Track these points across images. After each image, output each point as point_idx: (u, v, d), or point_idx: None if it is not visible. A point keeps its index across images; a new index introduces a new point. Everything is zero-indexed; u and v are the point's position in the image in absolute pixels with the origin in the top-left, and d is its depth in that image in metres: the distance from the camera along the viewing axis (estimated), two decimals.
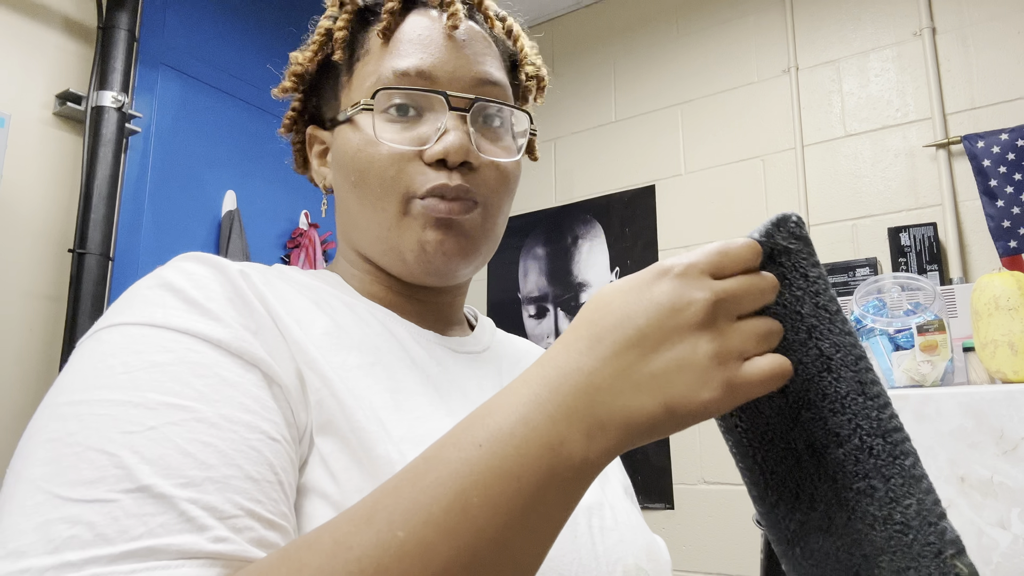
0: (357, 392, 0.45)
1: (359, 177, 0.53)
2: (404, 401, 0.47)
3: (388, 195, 0.52)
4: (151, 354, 0.38)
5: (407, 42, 0.54)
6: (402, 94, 0.53)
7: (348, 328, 0.49)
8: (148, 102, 1.96)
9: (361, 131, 0.53)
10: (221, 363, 0.39)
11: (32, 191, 1.72)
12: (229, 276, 0.45)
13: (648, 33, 2.56)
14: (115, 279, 1.81)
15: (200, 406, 0.37)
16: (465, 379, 0.54)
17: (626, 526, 0.53)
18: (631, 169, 2.51)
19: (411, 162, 0.52)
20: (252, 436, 0.38)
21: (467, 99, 0.53)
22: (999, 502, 1.15)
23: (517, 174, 0.57)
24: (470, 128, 0.53)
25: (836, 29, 2.20)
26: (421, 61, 0.53)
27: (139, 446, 0.35)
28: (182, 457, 0.35)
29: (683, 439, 2.24)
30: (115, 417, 0.36)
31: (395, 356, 0.50)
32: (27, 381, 1.65)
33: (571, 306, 2.54)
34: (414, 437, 0.44)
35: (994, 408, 1.19)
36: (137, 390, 0.37)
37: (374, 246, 0.55)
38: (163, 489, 0.34)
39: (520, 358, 0.63)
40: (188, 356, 0.39)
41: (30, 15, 1.76)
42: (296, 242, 2.30)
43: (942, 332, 1.36)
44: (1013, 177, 1.83)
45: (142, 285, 0.43)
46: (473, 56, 0.55)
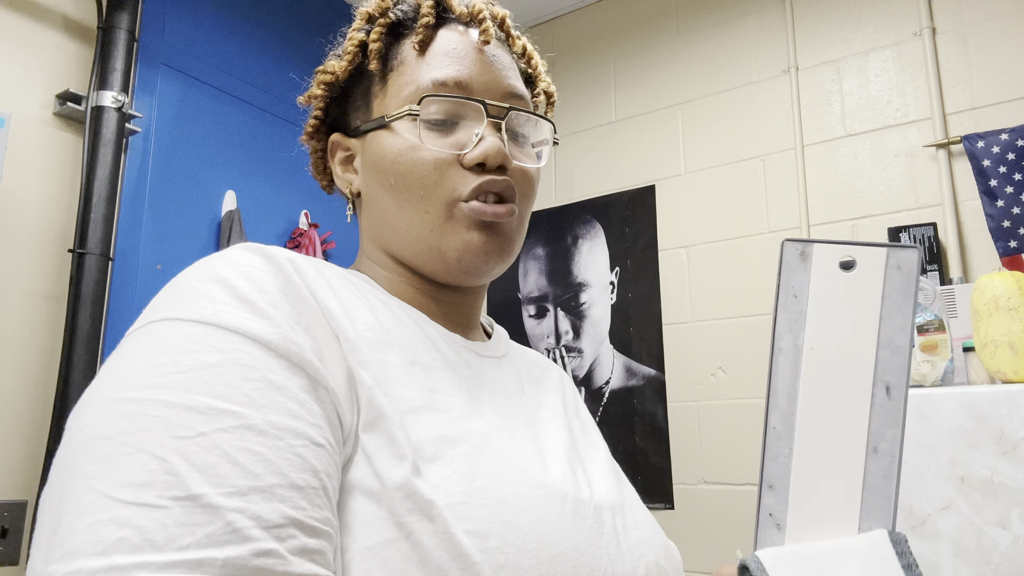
0: (398, 390, 0.46)
1: (399, 180, 0.56)
2: (440, 401, 0.48)
3: (431, 198, 0.55)
4: (202, 354, 0.39)
5: (443, 54, 0.58)
6: (445, 101, 0.56)
7: (387, 325, 0.51)
8: (148, 102, 1.96)
9: (401, 136, 0.56)
10: (269, 365, 0.40)
11: (32, 191, 1.72)
12: (281, 268, 0.46)
13: (648, 33, 2.56)
14: (115, 279, 1.81)
15: (249, 411, 0.38)
16: (491, 382, 0.56)
17: (645, 525, 0.56)
18: (631, 169, 2.51)
19: (451, 167, 0.55)
20: (297, 443, 0.39)
21: (503, 108, 0.57)
22: (999, 502, 1.15)
23: (538, 180, 0.62)
24: (503, 135, 0.57)
25: (836, 29, 2.20)
26: (458, 73, 0.57)
27: (189, 452, 0.36)
28: (231, 466, 0.36)
29: (683, 439, 2.24)
30: (167, 420, 0.36)
31: (430, 356, 0.52)
32: (27, 381, 1.65)
33: (571, 306, 2.54)
34: (453, 436, 0.45)
35: (994, 408, 1.19)
36: (188, 392, 0.38)
37: (411, 246, 0.57)
38: (212, 499, 0.35)
39: (532, 368, 0.66)
40: (238, 358, 0.40)
41: (30, 15, 1.76)
42: (296, 242, 2.30)
43: (942, 332, 1.36)
44: (1013, 177, 1.83)
45: (192, 276, 0.44)
46: (502, 70, 0.60)
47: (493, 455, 0.46)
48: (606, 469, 0.58)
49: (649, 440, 2.30)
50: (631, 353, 2.39)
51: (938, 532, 1.19)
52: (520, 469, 0.47)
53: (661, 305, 2.36)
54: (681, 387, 2.28)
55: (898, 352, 0.41)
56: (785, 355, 0.41)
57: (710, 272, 2.28)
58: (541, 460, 0.51)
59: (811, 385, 0.41)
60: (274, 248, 0.48)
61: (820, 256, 0.41)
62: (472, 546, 0.41)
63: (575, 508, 0.48)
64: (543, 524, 0.44)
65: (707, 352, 2.25)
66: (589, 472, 0.55)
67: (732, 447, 2.15)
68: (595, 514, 0.50)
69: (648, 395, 2.33)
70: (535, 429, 0.55)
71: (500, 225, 0.56)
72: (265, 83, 2.30)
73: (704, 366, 2.25)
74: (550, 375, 0.67)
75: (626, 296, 2.44)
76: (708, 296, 2.28)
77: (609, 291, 2.48)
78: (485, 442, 0.47)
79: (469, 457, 0.45)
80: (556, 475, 0.50)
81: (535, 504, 0.45)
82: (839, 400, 0.41)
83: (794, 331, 0.41)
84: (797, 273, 0.41)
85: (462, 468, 0.44)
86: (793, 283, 0.41)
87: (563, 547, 0.45)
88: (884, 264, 0.41)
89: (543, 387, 0.63)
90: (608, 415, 2.40)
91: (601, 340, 2.46)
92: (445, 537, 0.40)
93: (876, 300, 0.41)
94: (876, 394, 0.41)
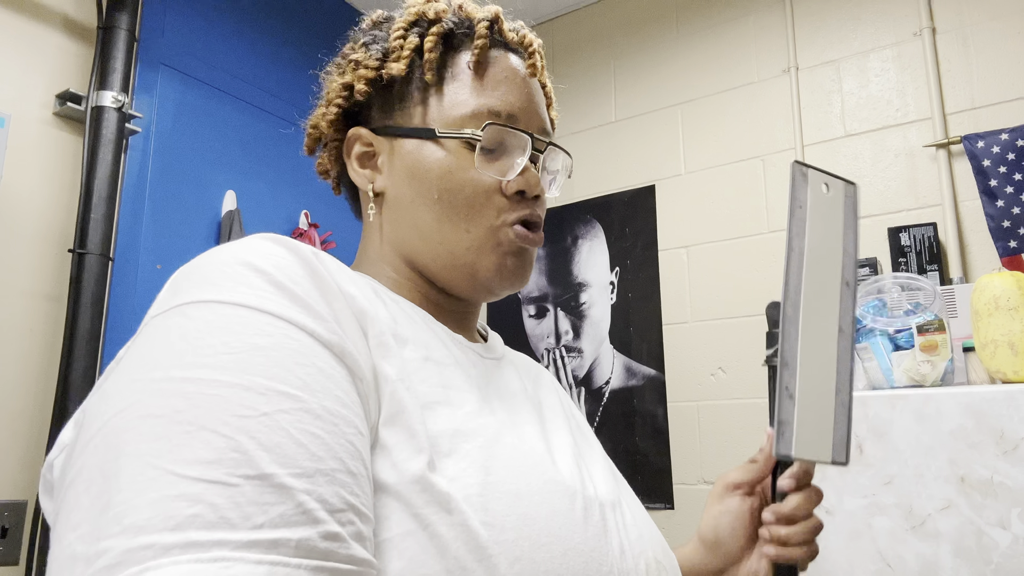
0: (416, 385, 0.47)
1: (446, 196, 0.58)
2: (454, 396, 0.49)
3: (475, 219, 0.58)
4: (251, 336, 0.38)
5: (497, 80, 0.61)
6: (502, 132, 0.59)
7: (401, 321, 0.52)
8: (148, 102, 1.96)
9: (451, 154, 0.58)
10: (317, 353, 0.40)
11: (32, 191, 1.72)
12: (307, 260, 0.45)
13: (648, 33, 2.56)
14: (115, 279, 1.81)
15: (305, 396, 0.38)
16: (496, 381, 0.58)
17: (643, 523, 0.57)
18: (631, 169, 2.51)
19: (495, 192, 0.59)
20: (348, 430, 0.39)
21: (543, 142, 0.62)
22: (999, 502, 1.15)
23: None
24: (539, 167, 0.62)
25: (836, 29, 2.20)
26: (512, 105, 0.60)
27: (255, 431, 0.35)
28: (296, 447, 0.36)
29: (683, 439, 2.24)
30: (227, 399, 0.36)
31: (441, 353, 0.53)
32: (27, 381, 1.65)
33: (571, 306, 2.54)
34: (467, 431, 0.46)
35: (994, 408, 1.19)
36: (245, 373, 0.37)
37: (441, 259, 0.59)
38: (282, 479, 0.34)
39: (528, 370, 0.68)
40: (287, 343, 0.39)
41: (30, 15, 1.76)
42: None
43: (942, 332, 1.36)
44: (1013, 177, 1.83)
45: (220, 261, 0.42)
46: (541, 103, 0.64)
47: (506, 450, 0.47)
48: (604, 467, 0.60)
49: (649, 440, 2.30)
50: (631, 353, 2.39)
51: (938, 532, 1.19)
52: (532, 464, 0.48)
53: (661, 305, 2.36)
54: (681, 387, 2.28)
55: (850, 257, 0.54)
56: (795, 254, 0.52)
57: (710, 272, 2.28)
58: (551, 456, 0.52)
59: (809, 279, 0.53)
60: (295, 241, 0.46)
61: (813, 179, 0.55)
62: (489, 538, 0.41)
63: (584, 504, 0.49)
64: (556, 519, 0.45)
65: (707, 352, 2.25)
66: (591, 469, 0.57)
67: (732, 447, 2.15)
68: (600, 511, 0.51)
69: (648, 395, 2.33)
70: (543, 426, 0.57)
71: (529, 251, 0.61)
72: (265, 83, 2.30)
73: (704, 366, 2.25)
74: (543, 377, 0.69)
75: (626, 296, 2.44)
76: (708, 296, 2.28)
77: (609, 291, 2.48)
78: (498, 437, 0.48)
79: (483, 451, 0.46)
80: (565, 471, 0.51)
81: (548, 499, 0.46)
82: (824, 290, 0.53)
83: (799, 235, 0.53)
84: (801, 189, 0.54)
85: (478, 462, 0.45)
86: (799, 196, 0.53)
87: (575, 542, 0.46)
88: (843, 192, 0.56)
89: (540, 387, 0.65)
90: (608, 415, 2.40)
91: (601, 340, 2.46)
92: (463, 529, 0.41)
93: (839, 217, 0.55)
94: (842, 288, 0.54)
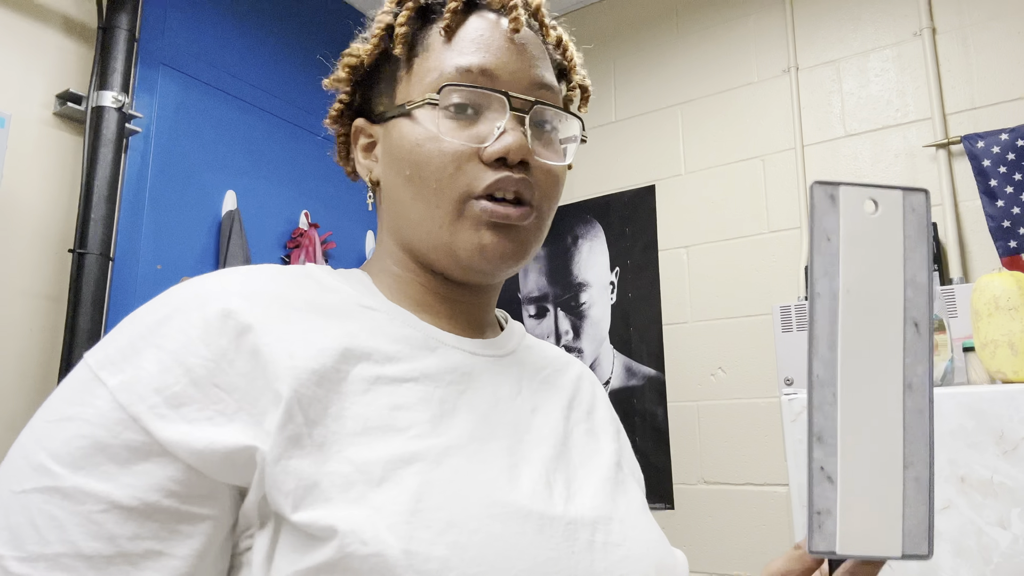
0: (355, 408, 0.45)
1: (415, 171, 0.53)
2: (401, 418, 0.46)
3: (444, 192, 0.53)
4: (68, 406, 0.43)
5: (469, 41, 0.55)
6: (466, 91, 0.53)
7: (360, 337, 0.49)
8: (148, 102, 1.96)
9: (421, 125, 0.54)
10: (109, 422, 0.42)
11: (32, 191, 1.72)
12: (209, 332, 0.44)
13: (648, 33, 2.56)
14: (115, 279, 1.81)
15: (66, 472, 0.41)
16: (480, 387, 0.53)
17: (636, 542, 0.52)
18: (631, 169, 2.51)
19: (469, 160, 0.52)
20: (96, 508, 0.41)
21: (528, 101, 0.54)
22: (999, 502, 1.15)
23: (564, 179, 0.59)
24: (528, 129, 0.54)
25: (836, 29, 2.20)
26: (484, 60, 0.54)
27: (10, 509, 0.41)
28: (31, 529, 0.39)
29: (683, 439, 2.24)
30: (17, 470, 0.41)
31: (402, 369, 0.49)
32: (27, 381, 1.65)
33: (571, 306, 2.54)
34: (407, 455, 0.44)
35: (994, 408, 1.19)
36: (38, 444, 0.41)
37: (424, 241, 0.55)
38: (6, 563, 0.39)
39: (543, 367, 0.62)
40: (86, 412, 0.42)
41: (30, 15, 1.76)
42: (296, 242, 2.30)
43: (942, 332, 1.36)
44: (1013, 177, 1.83)
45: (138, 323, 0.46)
46: (532, 60, 0.56)
47: (448, 474, 0.45)
48: (602, 479, 0.55)
49: (649, 440, 2.30)
50: (631, 353, 2.39)
51: (938, 532, 1.19)
52: (477, 487, 0.45)
53: (661, 305, 2.36)
54: (681, 387, 2.28)
55: (920, 289, 0.42)
56: (823, 300, 0.41)
57: (710, 272, 2.28)
58: (510, 474, 0.48)
59: (849, 328, 0.41)
60: (215, 292, 0.47)
61: (847, 198, 0.42)
62: (409, 567, 0.40)
63: (539, 526, 0.46)
64: (494, 545, 0.43)
65: (707, 352, 2.25)
66: (574, 484, 0.52)
67: (732, 447, 2.15)
68: (566, 531, 0.47)
69: (648, 395, 2.33)
70: (519, 437, 0.52)
71: (515, 227, 0.54)
72: (265, 83, 2.30)
73: (704, 366, 2.25)
74: (564, 374, 0.64)
75: (626, 296, 2.44)
76: (708, 296, 2.27)
77: (609, 291, 2.48)
78: (443, 460, 0.45)
79: (420, 476, 0.43)
80: (524, 490, 0.47)
81: (487, 524, 0.43)
82: (875, 340, 0.41)
83: (830, 275, 0.41)
84: (828, 216, 0.42)
85: (411, 489, 0.42)
86: (825, 226, 0.42)
87: (517, 569, 0.43)
88: (902, 205, 0.42)
89: (548, 387, 0.60)
90: None
91: (601, 340, 2.46)
92: (379, 560, 0.39)
93: (898, 241, 0.42)
94: (907, 332, 0.42)
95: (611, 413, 0.66)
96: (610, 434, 0.61)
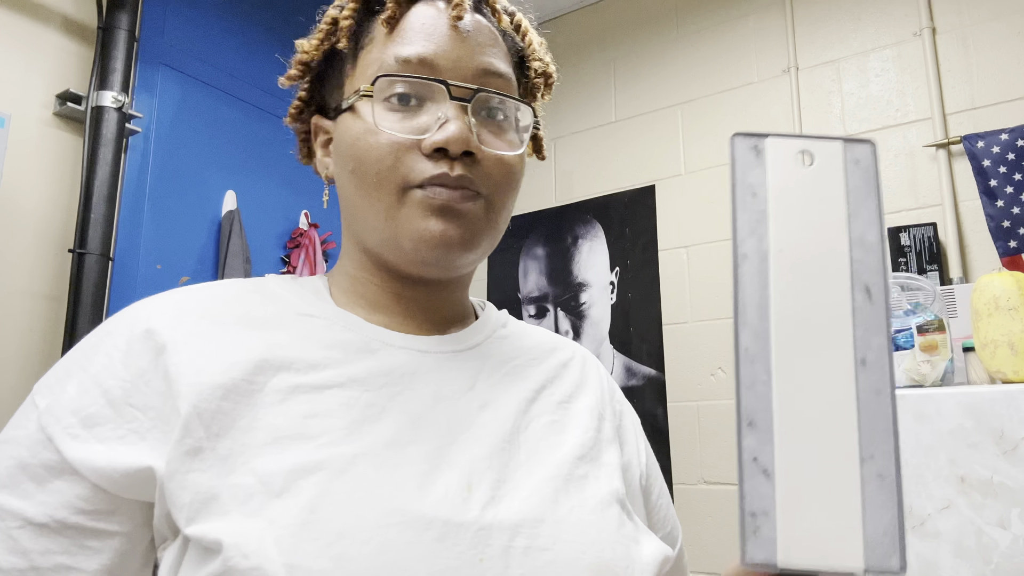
0: (268, 419, 0.45)
1: (357, 165, 0.53)
2: (314, 426, 0.46)
3: (384, 184, 0.51)
4: (10, 428, 0.46)
5: (411, 31, 0.54)
6: (403, 81, 0.52)
7: (284, 346, 0.49)
8: (148, 102, 1.96)
9: (362, 119, 0.53)
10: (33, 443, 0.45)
11: (32, 191, 1.72)
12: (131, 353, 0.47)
13: (648, 33, 2.56)
14: (115, 279, 1.81)
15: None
16: (421, 383, 0.52)
17: (570, 544, 0.47)
18: (631, 169, 2.51)
19: (409, 152, 0.51)
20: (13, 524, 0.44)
21: (469, 89, 0.52)
22: (999, 502, 1.15)
23: (521, 169, 0.57)
24: (471, 119, 0.52)
25: (836, 29, 2.20)
26: (423, 49, 0.52)
27: None
28: None
29: (683, 439, 2.24)
30: None
31: (328, 375, 0.49)
32: (27, 381, 1.65)
33: (571, 306, 2.54)
34: (309, 465, 0.44)
35: (994, 408, 1.19)
36: None
37: (371, 236, 0.54)
38: None
39: (513, 357, 0.59)
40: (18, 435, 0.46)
41: (30, 15, 1.76)
42: (296, 242, 2.30)
43: (942, 332, 1.36)
44: (1013, 177, 1.83)
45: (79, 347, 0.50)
46: (477, 47, 0.54)
47: (351, 483, 0.43)
48: (548, 476, 0.50)
49: (649, 440, 2.29)
50: (631, 353, 2.39)
51: (938, 532, 1.19)
52: (378, 496, 0.44)
53: (661, 305, 2.36)
54: (681, 387, 2.28)
55: (871, 249, 0.36)
56: (750, 261, 0.36)
57: (710, 272, 2.28)
58: (423, 480, 0.46)
59: (783, 294, 0.36)
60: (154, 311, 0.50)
61: (775, 150, 0.37)
62: None
63: (441, 534, 0.44)
64: (385, 556, 0.41)
65: (707, 352, 2.25)
66: (507, 485, 0.49)
67: (732, 447, 2.14)
68: (476, 538, 0.45)
69: (648, 395, 2.33)
70: (452, 439, 0.49)
71: (460, 211, 0.51)
72: (265, 83, 2.30)
73: (704, 366, 2.25)
74: (543, 361, 0.60)
75: (626, 296, 2.44)
76: (708, 296, 2.28)
77: (609, 291, 2.48)
78: (348, 468, 0.44)
79: (320, 487, 0.43)
80: (434, 497, 0.45)
81: (380, 534, 0.42)
82: (816, 308, 0.36)
83: (757, 234, 0.36)
84: (752, 170, 0.37)
85: (306, 499, 0.42)
86: (749, 180, 0.37)
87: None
88: (842, 158, 0.37)
89: (512, 379, 0.56)
90: None
91: (601, 340, 2.46)
92: (259, 574, 0.39)
93: (840, 196, 0.37)
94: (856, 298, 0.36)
95: (601, 398, 0.62)
96: (585, 424, 0.57)
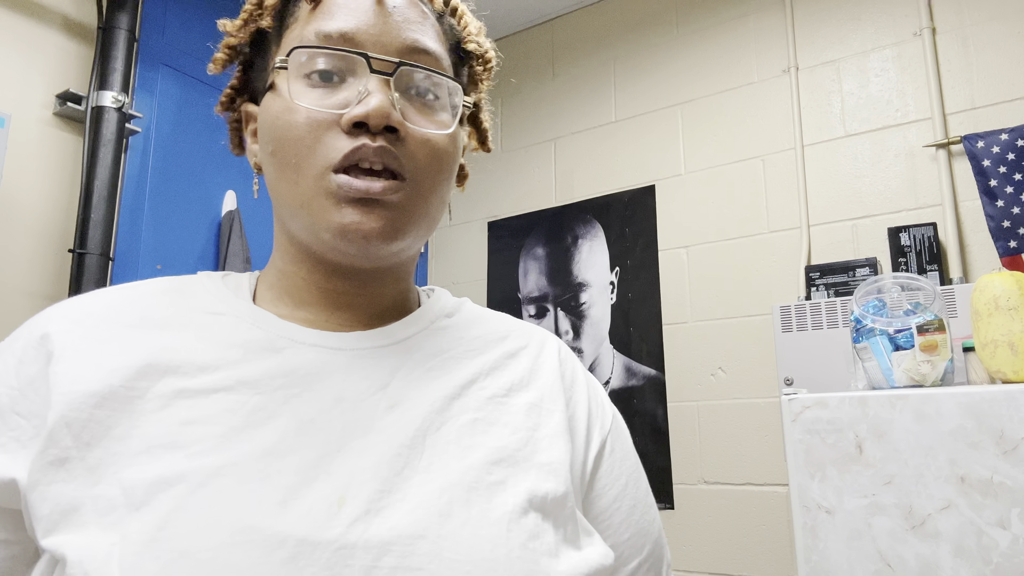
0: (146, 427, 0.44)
1: (277, 146, 0.50)
2: (190, 434, 0.44)
3: (303, 167, 0.49)
4: None
5: (334, 6, 0.52)
6: (322, 55, 0.50)
7: (176, 348, 0.48)
8: (148, 102, 1.96)
9: (281, 97, 0.51)
10: None
11: (32, 191, 1.72)
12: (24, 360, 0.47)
13: (648, 33, 2.56)
14: (115, 279, 1.81)
15: None
16: (323, 384, 0.49)
17: (449, 563, 0.43)
18: (631, 169, 2.51)
19: (330, 130, 0.48)
20: None
21: (391, 63, 0.50)
22: (999, 502, 1.15)
23: (452, 151, 0.53)
24: (394, 94, 0.49)
25: (836, 29, 2.20)
26: (345, 24, 0.50)
27: None
28: None
29: (683, 439, 2.24)
30: None
31: (219, 376, 0.47)
32: None
33: (571, 306, 2.54)
34: (172, 476, 0.42)
35: (994, 408, 1.19)
36: None
37: (292, 222, 0.52)
38: None
39: (446, 349, 0.55)
40: None
41: (30, 15, 1.76)
42: None
43: (942, 332, 1.36)
44: (1013, 177, 1.83)
45: None
46: (404, 23, 0.52)
47: (208, 497, 0.41)
48: (446, 485, 0.46)
49: (649, 440, 2.30)
50: (631, 353, 2.39)
51: (938, 532, 1.19)
52: (232, 511, 0.41)
53: (661, 305, 2.36)
54: (681, 387, 2.28)
55: None
56: None
57: (710, 272, 2.28)
58: (288, 494, 0.43)
59: None
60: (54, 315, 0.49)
61: None
62: None
63: (294, 553, 0.40)
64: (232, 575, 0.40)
65: (707, 352, 2.25)
66: (392, 496, 0.45)
67: (732, 447, 2.15)
68: (335, 557, 0.41)
69: (648, 395, 2.33)
70: (340, 445, 0.46)
71: (382, 202, 0.49)
72: None
73: (704, 366, 2.25)
74: (483, 353, 0.56)
75: (626, 296, 2.44)
76: (708, 296, 2.28)
77: (609, 291, 2.48)
78: (209, 480, 0.42)
79: (177, 500, 0.41)
80: (295, 513, 0.42)
81: (224, 554, 0.39)
82: None
83: None
84: None
85: (160, 514, 0.40)
86: None
87: None
88: None
89: (438, 374, 0.53)
90: None
91: (601, 340, 2.46)
92: None
93: None
94: None
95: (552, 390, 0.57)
96: (517, 423, 0.52)
